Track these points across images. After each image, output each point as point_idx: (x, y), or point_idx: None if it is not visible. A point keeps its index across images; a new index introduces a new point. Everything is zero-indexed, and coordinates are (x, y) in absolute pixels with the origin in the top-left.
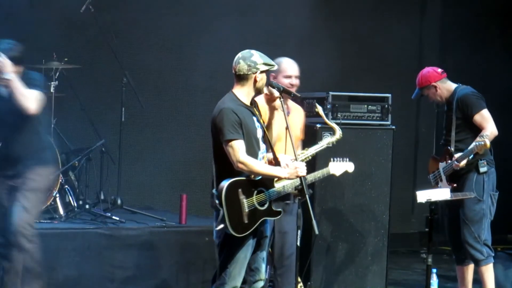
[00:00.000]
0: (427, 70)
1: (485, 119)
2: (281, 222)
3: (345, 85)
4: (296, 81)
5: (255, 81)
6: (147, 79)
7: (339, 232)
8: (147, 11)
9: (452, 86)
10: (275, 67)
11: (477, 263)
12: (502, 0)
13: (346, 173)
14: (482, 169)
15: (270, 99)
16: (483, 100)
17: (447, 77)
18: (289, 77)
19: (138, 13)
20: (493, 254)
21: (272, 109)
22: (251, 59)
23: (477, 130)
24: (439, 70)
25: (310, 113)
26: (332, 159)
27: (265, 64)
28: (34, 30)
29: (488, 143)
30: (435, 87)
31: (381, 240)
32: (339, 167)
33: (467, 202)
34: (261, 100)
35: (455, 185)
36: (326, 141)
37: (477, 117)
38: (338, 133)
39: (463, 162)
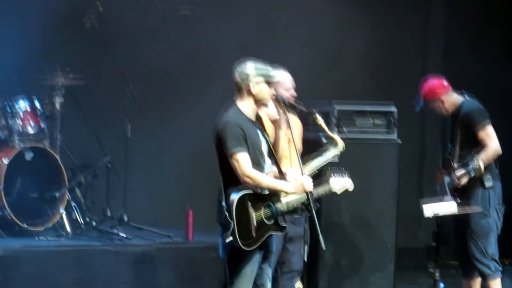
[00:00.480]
0: (433, 82)
1: (489, 136)
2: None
3: (349, 96)
4: (294, 93)
5: (250, 92)
6: (152, 93)
7: (345, 247)
8: (152, 24)
9: (458, 99)
10: (274, 79)
11: (485, 278)
12: (506, 6)
13: (347, 191)
14: (487, 184)
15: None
16: (487, 116)
17: (452, 85)
18: (289, 89)
19: (143, 27)
20: (500, 269)
21: (276, 125)
22: (244, 71)
23: (480, 146)
24: (445, 82)
25: (315, 127)
26: (332, 175)
27: (259, 75)
28: (39, 46)
29: (482, 168)
30: (442, 101)
31: (387, 254)
32: (339, 184)
33: (474, 217)
34: (264, 116)
35: (458, 200)
36: (331, 154)
37: (481, 134)
38: (341, 145)
39: (464, 181)
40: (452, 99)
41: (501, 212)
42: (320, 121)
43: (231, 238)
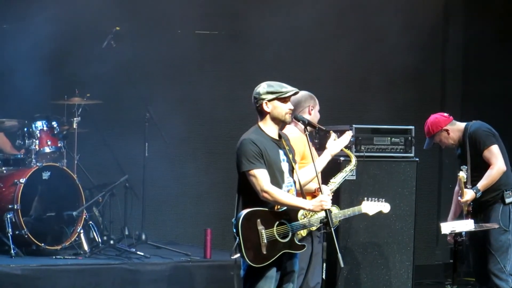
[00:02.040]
0: (435, 117)
1: (494, 155)
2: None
3: (368, 117)
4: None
5: (265, 111)
6: (169, 113)
7: (364, 265)
8: (170, 45)
9: (461, 125)
10: (287, 94)
11: None
12: None
13: (380, 213)
14: (508, 200)
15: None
16: (493, 136)
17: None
18: (318, 110)
19: (161, 48)
20: None
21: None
22: (257, 91)
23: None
24: (445, 114)
25: None
26: (366, 199)
27: (270, 92)
28: (56, 66)
29: (468, 198)
30: (447, 130)
31: (406, 272)
32: (373, 207)
33: (493, 233)
34: (297, 132)
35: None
36: (348, 168)
37: (486, 153)
38: (354, 160)
39: (466, 199)
40: (456, 126)
41: None
42: (336, 138)
43: (237, 254)
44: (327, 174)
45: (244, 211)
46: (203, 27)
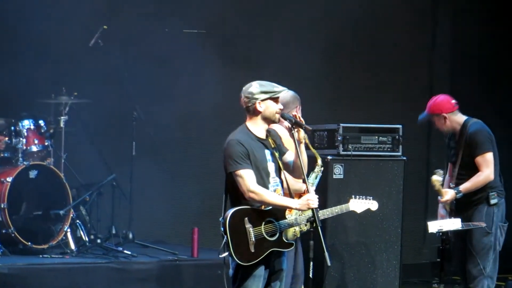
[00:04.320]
0: (442, 98)
1: (486, 163)
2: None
3: (355, 116)
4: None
5: (257, 111)
6: (157, 112)
7: (351, 263)
8: (157, 44)
9: (461, 119)
10: (279, 94)
11: None
12: None
13: (368, 211)
14: (492, 201)
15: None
16: (491, 142)
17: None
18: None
19: (148, 46)
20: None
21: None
22: (249, 91)
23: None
24: (453, 101)
25: (321, 145)
26: (353, 197)
27: (264, 92)
28: (43, 64)
29: (448, 199)
30: (445, 118)
31: (393, 271)
32: (360, 205)
33: (476, 234)
34: (285, 132)
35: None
36: (317, 170)
37: (479, 158)
38: (319, 161)
39: (446, 199)
40: (456, 118)
41: (504, 229)
42: (305, 137)
43: (226, 253)
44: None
45: (232, 210)
46: (191, 26)
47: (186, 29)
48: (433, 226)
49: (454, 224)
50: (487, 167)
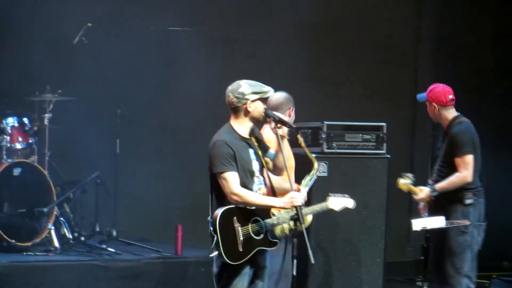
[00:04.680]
0: (440, 89)
1: (464, 164)
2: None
3: (340, 114)
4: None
5: (247, 111)
6: (141, 109)
7: (335, 261)
8: (142, 42)
9: (451, 115)
10: (268, 94)
11: None
12: (499, 30)
13: (345, 208)
14: (467, 201)
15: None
16: (472, 144)
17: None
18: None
19: (133, 44)
20: (473, 287)
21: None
22: (239, 91)
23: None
24: (450, 96)
25: (305, 143)
26: (331, 194)
27: (255, 93)
28: (27, 62)
29: (423, 197)
30: (435, 108)
31: (377, 268)
32: (338, 202)
33: (452, 233)
34: (269, 131)
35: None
36: (312, 173)
37: (458, 160)
38: (315, 165)
39: (421, 197)
40: (447, 113)
41: (483, 228)
42: (301, 140)
43: (216, 252)
44: (301, 170)
45: (222, 209)
46: (175, 24)
47: (170, 27)
48: (417, 224)
49: (438, 222)
50: (465, 169)
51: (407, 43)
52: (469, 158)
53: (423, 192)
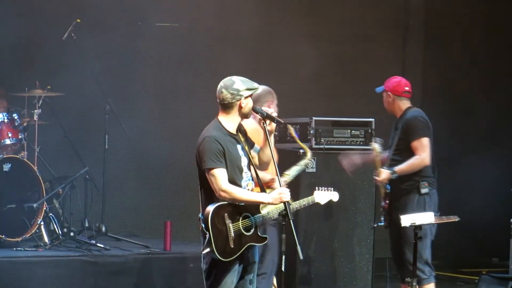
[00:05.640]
0: (397, 80)
1: (422, 147)
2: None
3: (328, 109)
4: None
5: (240, 107)
6: (130, 106)
7: (323, 257)
8: (131, 38)
9: (404, 106)
10: (259, 90)
11: (420, 282)
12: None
13: (331, 202)
14: (423, 190)
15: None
16: (427, 128)
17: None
18: (277, 105)
19: (121, 40)
20: (434, 274)
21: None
22: (233, 87)
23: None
24: (406, 88)
25: (292, 137)
26: (316, 188)
27: (248, 89)
28: (16, 58)
29: (384, 177)
30: (390, 97)
31: (365, 264)
32: (323, 196)
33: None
34: (254, 123)
35: (387, 201)
36: (303, 163)
37: (416, 143)
38: (309, 154)
39: (382, 178)
40: (400, 103)
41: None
42: (292, 130)
43: (208, 250)
44: (285, 166)
45: (213, 206)
46: (163, 20)
47: (158, 23)
48: (406, 220)
49: (427, 217)
50: (423, 151)
51: (394, 37)
52: (426, 141)
53: (383, 174)
